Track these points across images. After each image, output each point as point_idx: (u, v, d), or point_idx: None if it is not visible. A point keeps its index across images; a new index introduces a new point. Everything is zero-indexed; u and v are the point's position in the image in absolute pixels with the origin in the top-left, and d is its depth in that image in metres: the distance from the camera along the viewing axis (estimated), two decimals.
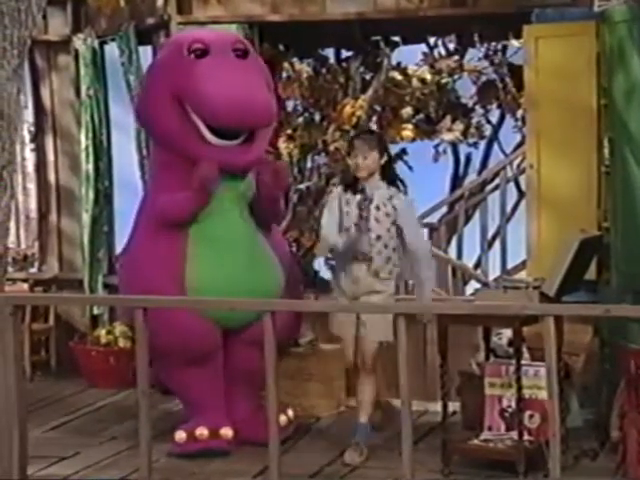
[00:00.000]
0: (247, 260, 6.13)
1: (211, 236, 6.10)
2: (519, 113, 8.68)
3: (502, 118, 9.46)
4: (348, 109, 8.37)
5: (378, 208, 6.02)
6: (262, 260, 6.22)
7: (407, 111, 8.80)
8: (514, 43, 8.14)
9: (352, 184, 6.12)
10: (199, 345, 6.10)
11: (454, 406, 6.42)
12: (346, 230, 6.02)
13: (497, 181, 8.45)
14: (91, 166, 8.30)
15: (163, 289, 5.85)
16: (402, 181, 6.19)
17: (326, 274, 8.50)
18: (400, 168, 8.59)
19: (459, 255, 8.58)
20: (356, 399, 6.17)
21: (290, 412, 6.38)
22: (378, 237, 6.00)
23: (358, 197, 6.04)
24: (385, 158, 6.10)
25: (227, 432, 6.15)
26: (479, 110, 9.25)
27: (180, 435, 6.12)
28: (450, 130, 9.07)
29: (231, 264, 6.06)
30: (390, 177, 6.15)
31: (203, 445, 6.11)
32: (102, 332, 8.10)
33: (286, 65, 8.50)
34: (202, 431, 6.12)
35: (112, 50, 8.24)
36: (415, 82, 8.77)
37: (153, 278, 5.97)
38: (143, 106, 6.36)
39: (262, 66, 6.33)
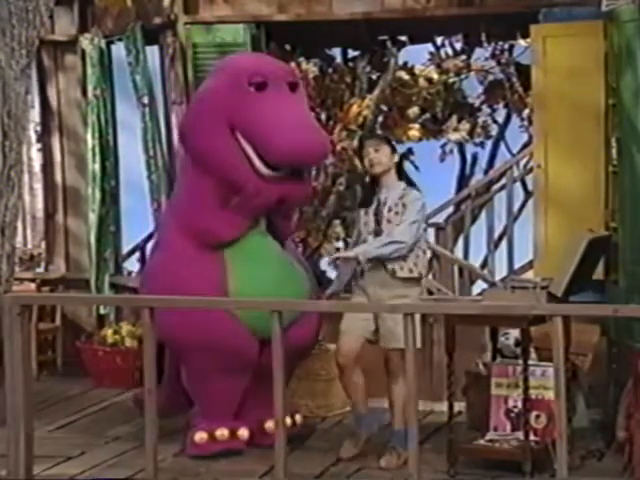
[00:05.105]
0: (280, 271, 6.09)
1: (247, 250, 6.06)
2: (526, 113, 8.68)
3: (509, 118, 9.46)
4: (355, 109, 8.36)
5: (390, 209, 5.92)
6: (292, 270, 6.19)
7: (414, 111, 8.80)
8: (521, 42, 8.13)
9: (369, 194, 6.03)
10: (240, 355, 6.04)
11: (460, 406, 6.41)
12: (363, 241, 5.93)
13: (504, 181, 8.42)
14: (97, 166, 8.30)
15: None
16: (411, 182, 6.07)
17: (332, 274, 8.50)
18: (407, 168, 8.57)
19: (465, 255, 8.55)
20: (389, 405, 5.99)
21: (298, 417, 6.33)
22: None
23: (374, 205, 5.96)
24: (396, 158, 6.00)
25: (244, 433, 6.12)
26: (486, 110, 9.26)
27: (200, 435, 6.05)
28: (456, 130, 9.07)
29: (267, 276, 6.00)
30: (405, 177, 6.04)
31: (223, 446, 6.06)
32: (109, 332, 8.11)
33: (293, 65, 8.49)
34: (223, 432, 6.07)
35: (119, 50, 8.25)
36: (422, 82, 8.77)
37: (198, 290, 5.83)
38: (192, 132, 6.12)
39: (305, 96, 6.30)
